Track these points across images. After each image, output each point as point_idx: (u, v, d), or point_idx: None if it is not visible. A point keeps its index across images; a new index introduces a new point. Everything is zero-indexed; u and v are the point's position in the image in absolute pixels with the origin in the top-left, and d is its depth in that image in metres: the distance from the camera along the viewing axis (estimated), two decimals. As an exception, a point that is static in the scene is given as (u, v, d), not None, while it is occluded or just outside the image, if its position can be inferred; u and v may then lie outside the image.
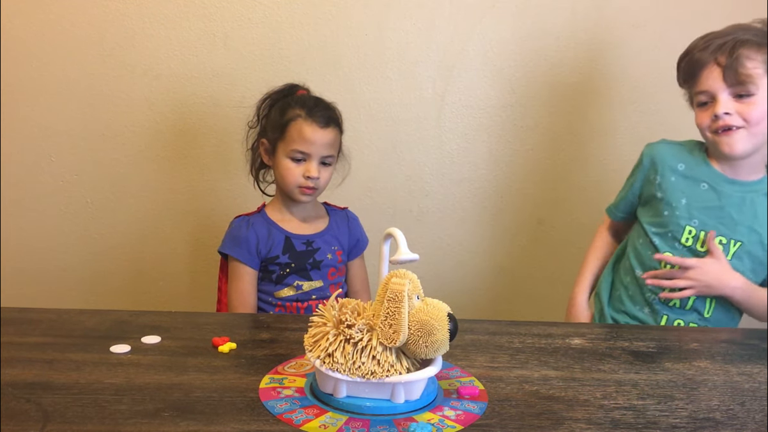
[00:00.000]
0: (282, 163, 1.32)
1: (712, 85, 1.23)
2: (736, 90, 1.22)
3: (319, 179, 1.31)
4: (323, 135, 1.30)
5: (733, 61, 1.20)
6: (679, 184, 1.30)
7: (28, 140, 1.67)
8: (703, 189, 1.29)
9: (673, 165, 1.32)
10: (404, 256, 0.79)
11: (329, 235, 1.38)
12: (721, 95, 1.23)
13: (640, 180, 1.36)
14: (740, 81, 1.21)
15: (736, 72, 1.20)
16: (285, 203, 1.37)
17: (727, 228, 1.27)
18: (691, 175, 1.30)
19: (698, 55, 1.25)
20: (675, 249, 1.29)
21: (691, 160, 1.32)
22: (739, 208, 1.27)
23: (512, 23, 1.66)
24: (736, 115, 1.22)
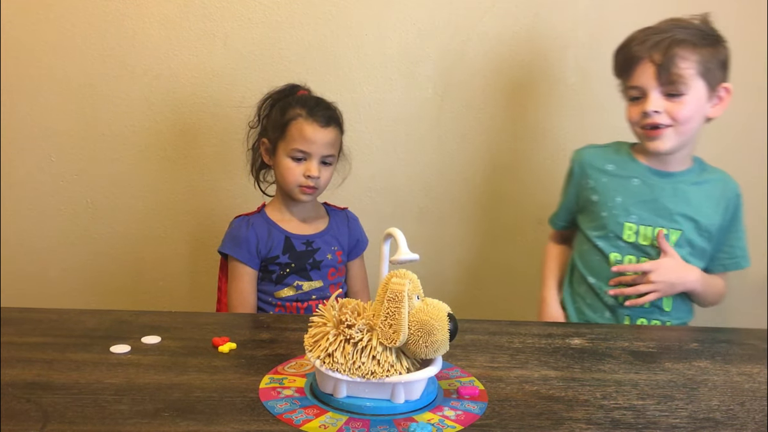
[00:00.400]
0: (282, 162, 1.32)
1: (645, 81, 1.24)
2: (668, 89, 1.23)
3: (320, 179, 1.31)
4: (324, 134, 1.31)
5: (668, 60, 1.22)
6: (611, 183, 1.33)
7: (28, 140, 1.67)
8: (635, 184, 1.31)
9: (602, 166, 1.35)
10: (404, 256, 0.79)
11: (329, 235, 1.39)
12: (652, 93, 1.24)
13: (574, 187, 1.39)
14: (672, 81, 1.22)
15: (668, 72, 1.22)
16: (285, 203, 1.37)
17: (665, 219, 1.29)
18: (622, 173, 1.33)
19: (635, 49, 1.26)
20: (619, 248, 1.31)
21: (619, 159, 1.35)
22: (672, 199, 1.30)
23: (512, 23, 1.66)
24: (665, 114, 1.24)
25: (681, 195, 1.30)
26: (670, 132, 1.25)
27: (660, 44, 1.23)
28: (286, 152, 1.31)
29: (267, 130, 1.36)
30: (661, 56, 1.22)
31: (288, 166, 1.31)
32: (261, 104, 1.38)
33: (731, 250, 1.37)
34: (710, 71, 1.24)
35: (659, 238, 1.28)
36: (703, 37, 1.25)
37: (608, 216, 1.32)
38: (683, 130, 1.26)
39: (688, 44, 1.23)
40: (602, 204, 1.33)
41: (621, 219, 1.30)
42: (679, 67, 1.22)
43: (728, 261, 1.38)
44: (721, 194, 1.34)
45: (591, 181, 1.35)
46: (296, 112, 1.31)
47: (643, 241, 1.30)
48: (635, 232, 1.30)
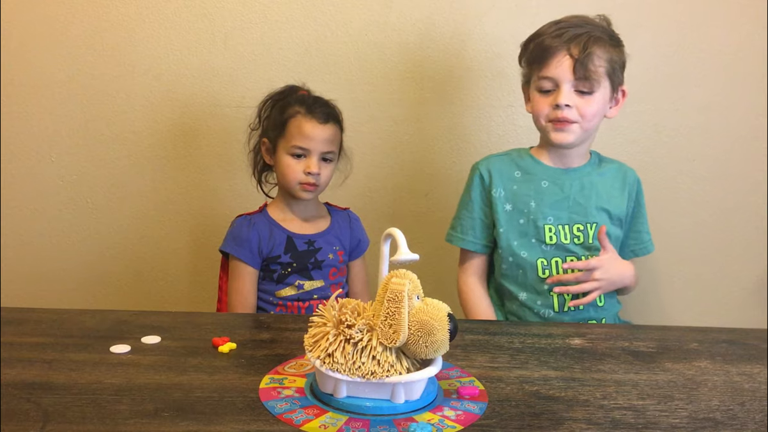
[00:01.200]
0: (283, 160, 1.32)
1: (560, 74, 1.25)
2: (580, 84, 1.25)
3: (320, 175, 1.32)
4: (323, 131, 1.31)
5: (585, 56, 1.23)
6: (521, 189, 1.33)
7: (28, 140, 1.67)
8: (545, 186, 1.33)
9: (510, 175, 1.35)
10: (404, 256, 0.79)
11: (331, 235, 1.39)
12: (564, 85, 1.25)
13: (482, 198, 1.36)
14: (587, 76, 1.23)
15: (586, 67, 1.23)
16: (287, 203, 1.38)
17: (580, 215, 1.31)
18: (529, 177, 1.34)
19: (551, 41, 1.26)
20: (544, 253, 1.31)
21: (523, 164, 1.36)
22: (581, 193, 1.32)
23: (512, 23, 1.66)
24: (574, 109, 1.25)
25: (589, 188, 1.32)
26: (576, 127, 1.27)
27: (579, 39, 1.24)
28: (286, 150, 1.32)
29: (267, 130, 1.37)
30: (580, 51, 1.23)
31: (288, 163, 1.32)
32: (261, 106, 1.39)
33: (639, 236, 1.39)
34: (615, 72, 1.27)
35: (600, 235, 1.27)
36: (610, 36, 1.28)
37: (525, 222, 1.31)
38: (587, 127, 1.28)
39: (603, 43, 1.25)
40: (518, 211, 1.32)
41: (540, 222, 1.31)
42: (595, 64, 1.23)
43: (637, 247, 1.40)
44: (623, 181, 1.36)
45: (502, 191, 1.34)
46: (295, 110, 1.32)
47: (564, 240, 1.30)
48: (555, 232, 1.30)
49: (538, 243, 1.31)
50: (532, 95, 1.32)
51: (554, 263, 1.30)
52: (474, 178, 1.37)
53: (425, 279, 0.81)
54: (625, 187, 1.36)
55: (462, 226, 1.39)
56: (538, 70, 1.28)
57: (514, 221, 1.32)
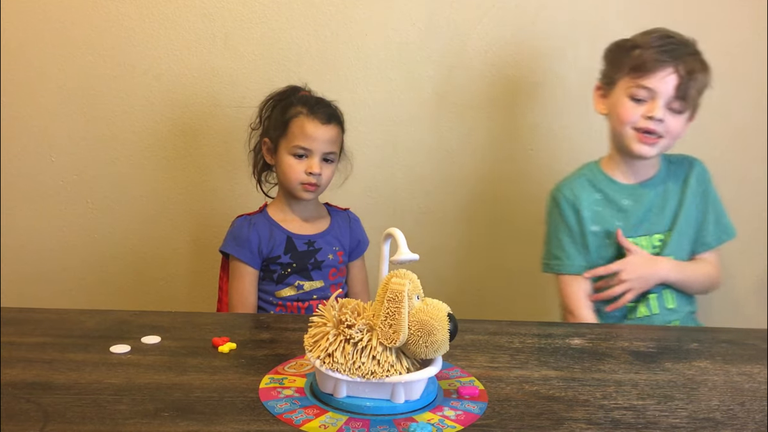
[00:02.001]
0: (284, 160, 1.32)
1: (662, 88, 1.25)
2: (674, 103, 1.26)
3: (321, 176, 1.32)
4: (325, 131, 1.31)
5: (691, 77, 1.25)
6: (605, 211, 1.34)
7: (28, 141, 1.67)
8: (626, 204, 1.34)
9: (591, 197, 1.35)
10: (404, 256, 0.79)
11: (331, 235, 1.39)
12: (660, 100, 1.25)
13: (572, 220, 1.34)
14: (684, 98, 1.25)
15: (687, 89, 1.25)
16: (287, 203, 1.38)
17: (660, 224, 1.34)
18: (609, 198, 1.35)
19: (658, 54, 1.26)
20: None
21: (600, 186, 1.36)
22: (659, 203, 1.34)
23: (512, 23, 1.66)
24: (663, 125, 1.26)
25: (663, 195, 1.34)
26: (662, 142, 1.28)
27: (688, 60, 1.25)
28: (288, 150, 1.32)
29: (269, 130, 1.37)
30: (687, 72, 1.24)
31: (290, 163, 1.32)
32: (262, 106, 1.39)
33: (720, 220, 1.38)
34: (699, 95, 1.29)
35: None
36: (704, 63, 1.29)
37: (611, 242, 1.33)
38: (669, 145, 1.29)
39: (705, 68, 1.28)
40: (603, 232, 1.33)
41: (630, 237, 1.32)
42: (693, 88, 1.25)
43: (722, 233, 1.39)
44: (694, 179, 1.36)
45: (587, 212, 1.34)
46: (297, 110, 1.32)
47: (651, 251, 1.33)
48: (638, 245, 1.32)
49: (621, 256, 1.32)
50: (619, 99, 1.30)
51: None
52: (561, 203, 1.35)
53: (425, 279, 0.81)
54: (695, 182, 1.36)
55: (566, 252, 1.35)
56: (638, 78, 1.27)
57: (601, 241, 1.34)
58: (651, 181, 1.35)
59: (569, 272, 1.35)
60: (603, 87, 1.35)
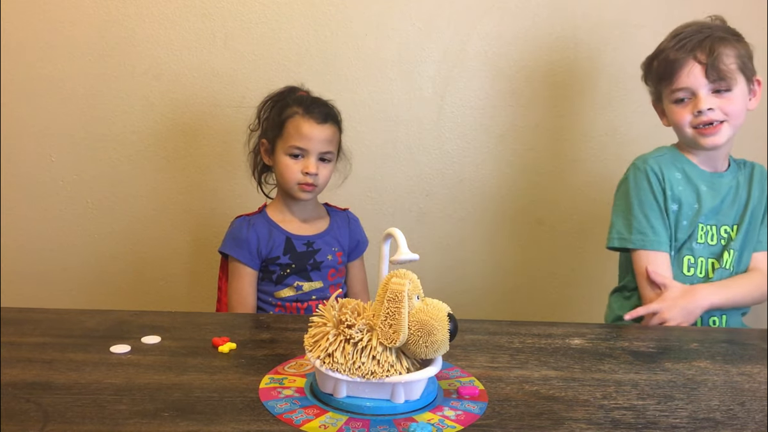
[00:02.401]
0: (281, 160, 1.32)
1: (693, 82, 1.26)
2: (717, 86, 1.25)
3: (318, 176, 1.31)
4: (321, 131, 1.31)
5: (714, 58, 1.24)
6: (685, 191, 1.32)
7: (28, 140, 1.67)
8: (704, 190, 1.32)
9: (673, 176, 1.33)
10: (404, 256, 0.79)
11: (330, 236, 1.39)
12: (701, 91, 1.25)
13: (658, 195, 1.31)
14: (722, 77, 1.24)
15: (717, 69, 1.24)
16: (286, 203, 1.38)
17: (728, 217, 1.32)
18: (689, 180, 1.33)
19: (674, 54, 1.27)
20: (693, 251, 1.31)
21: (681, 166, 1.34)
22: (730, 197, 1.33)
23: (512, 23, 1.66)
24: (718, 110, 1.26)
25: (735, 191, 1.34)
26: (725, 127, 1.27)
27: (703, 44, 1.25)
28: (284, 150, 1.32)
29: (266, 131, 1.37)
30: (707, 55, 1.24)
31: (286, 163, 1.32)
32: (261, 106, 1.39)
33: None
34: (746, 65, 1.27)
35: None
36: (732, 33, 1.28)
37: (687, 223, 1.31)
38: (735, 124, 1.28)
39: (728, 41, 1.26)
40: (681, 212, 1.31)
41: (696, 222, 1.31)
42: (725, 63, 1.24)
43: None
44: (757, 176, 1.37)
45: (669, 191, 1.31)
46: (293, 110, 1.32)
47: (711, 242, 1.32)
48: (705, 233, 1.32)
49: (690, 241, 1.31)
50: (668, 109, 1.32)
51: (700, 262, 1.31)
52: (650, 176, 1.31)
53: (425, 279, 0.81)
54: (759, 182, 1.36)
55: (654, 228, 1.30)
56: (669, 84, 1.29)
57: (679, 222, 1.32)
58: (726, 172, 1.35)
59: (657, 249, 1.29)
60: (655, 103, 1.37)
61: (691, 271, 1.32)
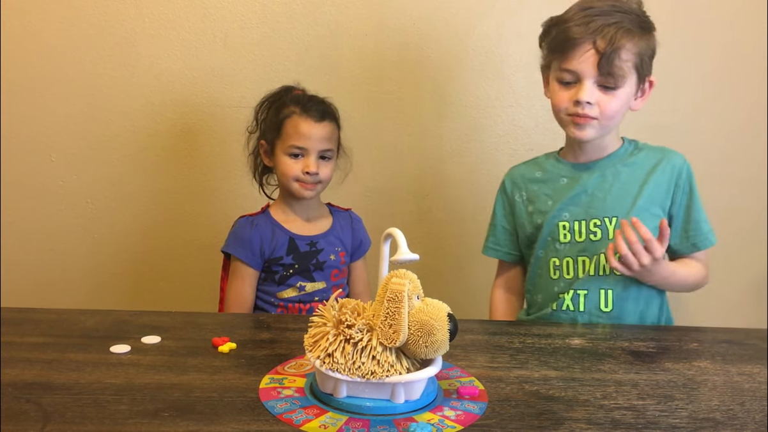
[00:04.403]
0: (281, 160, 1.32)
1: (583, 68, 1.16)
2: (605, 81, 1.16)
3: (319, 174, 1.32)
4: (319, 129, 1.31)
5: (612, 51, 1.14)
6: (541, 189, 1.29)
7: (28, 140, 1.67)
8: (563, 183, 1.27)
9: (531, 176, 1.32)
10: (404, 256, 0.79)
11: (333, 235, 1.39)
12: (587, 81, 1.16)
13: (507, 205, 1.34)
14: (612, 73, 1.15)
15: (611, 63, 1.14)
16: (288, 203, 1.38)
17: (597, 209, 1.23)
18: (549, 176, 1.29)
19: (576, 30, 1.16)
20: (557, 251, 1.25)
21: (546, 164, 1.31)
22: (601, 186, 1.24)
23: (512, 23, 1.66)
24: (595, 106, 1.17)
25: (612, 179, 1.24)
26: (595, 123, 1.19)
27: (607, 31, 1.14)
28: (284, 150, 1.32)
29: (265, 132, 1.37)
30: (606, 45, 1.13)
31: (287, 163, 1.32)
32: (258, 108, 1.39)
33: (698, 226, 1.26)
34: (643, 63, 1.18)
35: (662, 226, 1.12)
36: (641, 23, 1.18)
37: (544, 222, 1.27)
38: (607, 124, 1.20)
39: (632, 34, 1.15)
40: (537, 211, 1.28)
41: (555, 220, 1.25)
42: (621, 59, 1.14)
43: (698, 239, 1.26)
44: (662, 169, 1.25)
45: (524, 194, 1.31)
46: (290, 110, 1.32)
47: (578, 239, 1.24)
48: (569, 230, 1.24)
49: (552, 242, 1.26)
50: (551, 84, 1.23)
51: (565, 263, 1.25)
52: (501, 184, 1.36)
53: (425, 279, 0.81)
54: (664, 175, 1.24)
55: (491, 235, 1.37)
56: (560, 60, 1.19)
57: (533, 222, 1.29)
58: (597, 162, 1.26)
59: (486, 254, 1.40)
60: (543, 69, 1.27)
61: (557, 273, 1.26)
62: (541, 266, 1.28)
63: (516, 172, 1.35)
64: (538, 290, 1.30)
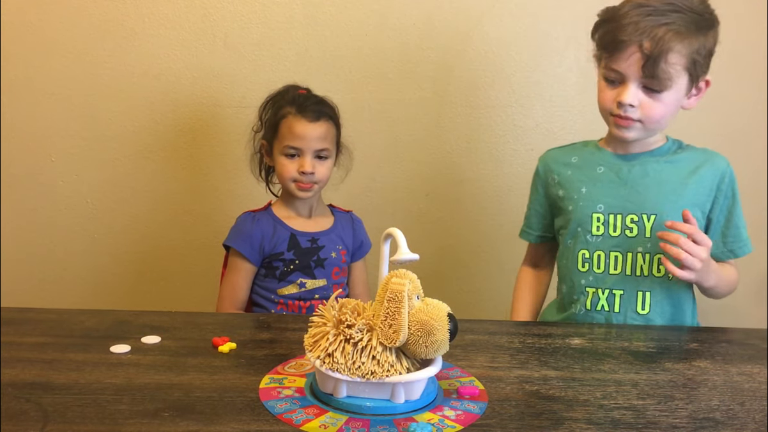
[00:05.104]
0: (278, 160, 1.33)
1: (628, 69, 1.12)
2: (649, 83, 1.12)
3: (314, 174, 1.32)
4: (314, 129, 1.31)
5: (658, 54, 1.09)
6: (575, 174, 1.24)
7: (28, 140, 1.67)
8: (601, 172, 1.22)
9: (566, 160, 1.27)
10: (404, 256, 0.79)
11: (334, 234, 1.39)
12: (631, 84, 1.13)
13: (540, 186, 1.30)
14: (657, 76, 1.10)
15: (656, 67, 1.10)
16: (290, 201, 1.38)
17: (635, 204, 1.18)
18: (586, 163, 1.24)
19: (624, 30, 1.11)
20: (588, 243, 1.20)
21: (584, 151, 1.27)
22: (642, 181, 1.19)
23: (512, 23, 1.66)
24: (638, 109, 1.14)
25: (652, 175, 1.19)
26: (638, 126, 1.16)
27: (656, 33, 1.09)
28: (280, 150, 1.33)
29: (265, 132, 1.38)
30: (653, 47, 1.09)
31: (283, 163, 1.32)
32: (262, 107, 1.39)
33: (737, 232, 1.23)
34: (696, 64, 1.13)
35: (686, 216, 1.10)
36: (698, 22, 1.12)
37: (574, 209, 1.21)
38: (652, 128, 1.17)
39: (684, 35, 1.10)
40: (568, 198, 1.23)
41: (588, 210, 1.20)
42: (668, 63, 1.10)
43: (736, 246, 1.23)
44: (706, 171, 1.21)
45: (556, 177, 1.26)
46: (286, 111, 1.33)
47: (613, 233, 1.19)
48: (603, 222, 1.19)
49: (584, 233, 1.20)
50: (599, 79, 1.20)
51: (596, 257, 1.20)
52: (536, 168, 1.32)
53: (425, 279, 0.81)
54: (707, 177, 1.20)
55: (525, 218, 1.36)
56: (606, 59, 1.15)
57: (564, 208, 1.24)
58: (639, 155, 1.22)
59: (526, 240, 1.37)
60: (596, 57, 1.22)
61: (586, 266, 1.21)
62: (568, 257, 1.24)
63: (550, 155, 1.31)
64: (563, 281, 1.26)
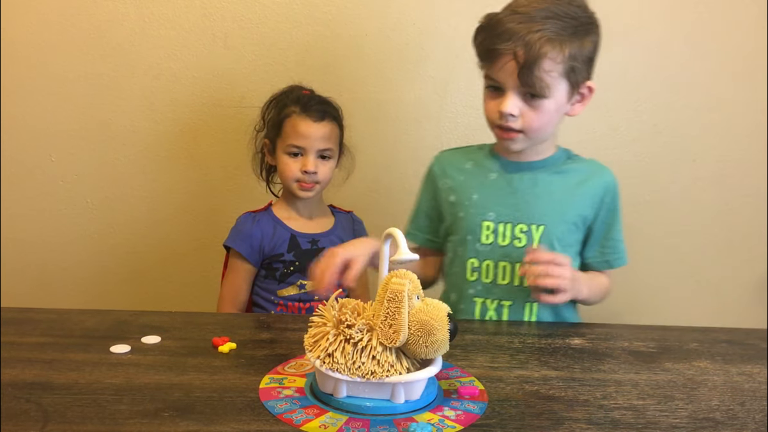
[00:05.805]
0: (281, 159, 1.33)
1: (504, 78, 1.09)
2: (528, 90, 1.09)
3: (317, 173, 1.32)
4: (317, 128, 1.31)
5: (533, 61, 1.05)
6: (468, 181, 1.21)
7: (28, 140, 1.67)
8: (492, 179, 1.19)
9: (460, 165, 1.23)
10: (404, 256, 0.79)
11: (334, 235, 1.39)
12: (510, 92, 1.09)
13: (431, 188, 1.26)
14: (533, 84, 1.07)
15: (531, 74, 1.06)
16: (291, 202, 1.38)
17: (524, 214, 1.16)
18: (479, 169, 1.21)
19: (497, 38, 1.07)
20: (477, 252, 1.17)
21: (479, 155, 1.24)
22: (531, 190, 1.17)
23: (512, 23, 1.66)
24: (519, 119, 1.10)
25: (543, 185, 1.17)
26: (521, 137, 1.13)
27: (528, 40, 1.05)
28: (283, 149, 1.33)
29: (268, 131, 1.38)
30: (526, 55, 1.05)
31: (285, 162, 1.33)
32: (265, 107, 1.40)
33: (615, 245, 1.22)
34: (575, 70, 1.09)
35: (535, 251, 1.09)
36: (574, 27, 1.08)
37: (465, 216, 1.18)
38: (535, 137, 1.14)
39: (558, 42, 1.06)
40: (459, 204, 1.20)
41: (478, 218, 1.17)
42: (544, 70, 1.06)
43: (612, 257, 1.22)
44: (592, 183, 1.19)
45: (449, 181, 1.22)
46: (291, 110, 1.33)
47: (502, 242, 1.16)
48: (493, 231, 1.16)
49: (473, 241, 1.17)
50: (484, 91, 1.16)
51: (485, 266, 1.17)
52: (429, 166, 1.27)
53: (425, 279, 0.81)
54: (592, 189, 1.19)
55: (412, 219, 1.29)
56: (486, 67, 1.12)
57: (455, 214, 1.20)
58: (531, 163, 1.19)
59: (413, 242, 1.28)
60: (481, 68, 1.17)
61: (475, 275, 1.17)
62: (457, 264, 1.20)
63: (446, 158, 1.26)
64: (452, 289, 1.22)
